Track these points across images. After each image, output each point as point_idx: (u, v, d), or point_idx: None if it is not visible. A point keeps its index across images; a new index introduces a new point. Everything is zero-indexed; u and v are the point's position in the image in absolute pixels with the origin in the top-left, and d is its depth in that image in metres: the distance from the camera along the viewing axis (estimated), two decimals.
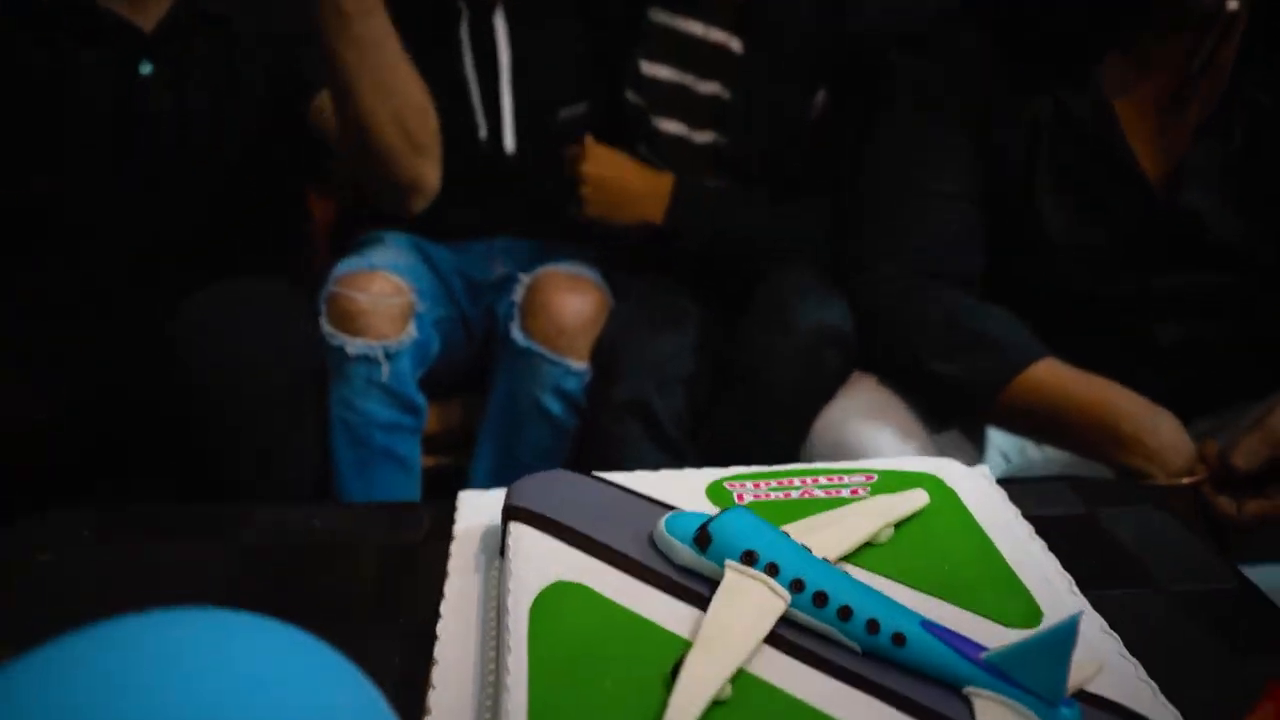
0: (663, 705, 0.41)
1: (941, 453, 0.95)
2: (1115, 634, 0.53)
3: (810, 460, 0.94)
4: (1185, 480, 0.82)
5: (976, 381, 0.90)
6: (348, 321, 1.02)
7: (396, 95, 0.94)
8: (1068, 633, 0.40)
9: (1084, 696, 0.43)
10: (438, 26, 1.12)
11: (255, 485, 0.92)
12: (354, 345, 1.01)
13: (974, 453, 0.99)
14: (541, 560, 0.52)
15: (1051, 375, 0.88)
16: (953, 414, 0.96)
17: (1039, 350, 0.89)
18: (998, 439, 0.98)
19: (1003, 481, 0.69)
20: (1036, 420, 0.90)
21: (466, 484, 1.11)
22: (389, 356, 1.02)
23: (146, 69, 0.99)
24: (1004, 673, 0.42)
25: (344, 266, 1.07)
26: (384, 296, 1.03)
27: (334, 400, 1.00)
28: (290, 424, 0.94)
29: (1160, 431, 0.84)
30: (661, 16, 1.14)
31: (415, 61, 0.99)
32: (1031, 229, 0.94)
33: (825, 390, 0.94)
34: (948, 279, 0.95)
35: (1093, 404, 0.86)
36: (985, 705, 0.42)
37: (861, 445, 0.89)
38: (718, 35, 1.11)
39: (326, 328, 1.02)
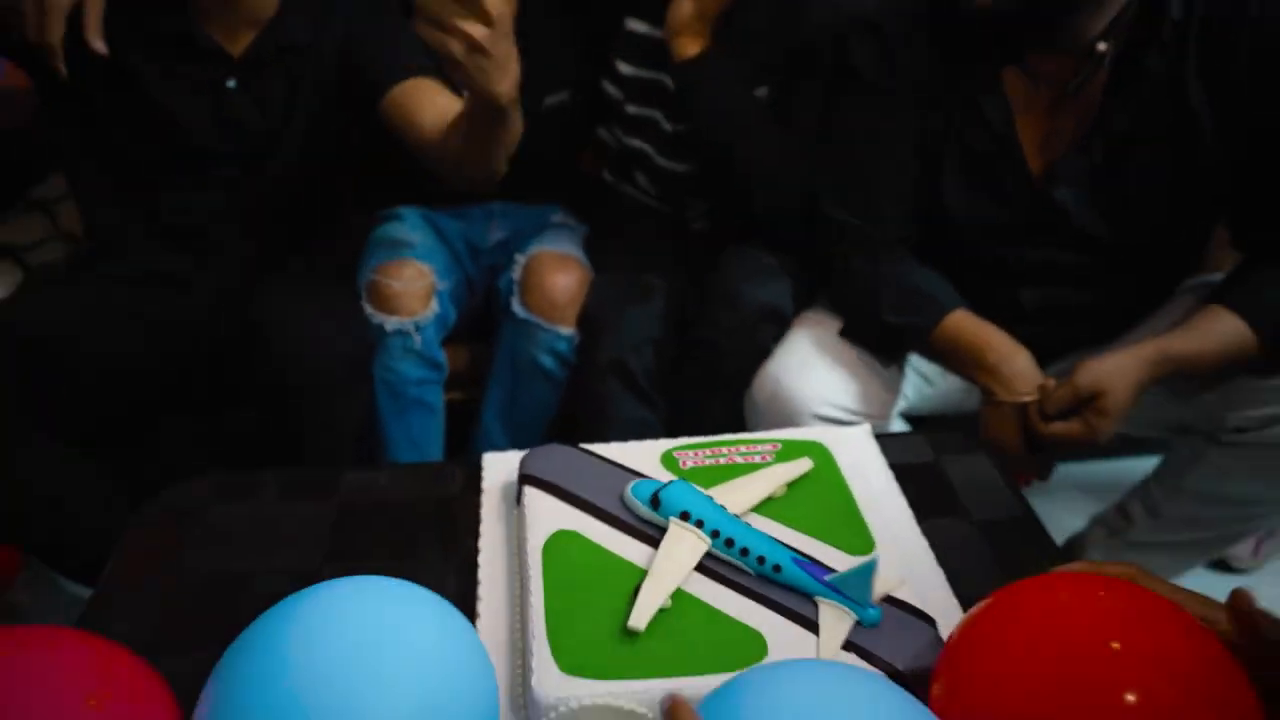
0: (628, 613, 0.66)
1: (861, 392, 1.17)
2: (932, 552, 0.78)
3: (753, 407, 1.18)
4: (1024, 399, 1.07)
5: (915, 328, 1.12)
6: (385, 303, 1.23)
7: (517, 135, 1.06)
8: (870, 567, 0.64)
9: (890, 600, 0.68)
10: None
11: (322, 433, 1.15)
12: (391, 322, 1.23)
13: (892, 386, 1.21)
14: (547, 515, 0.76)
15: (962, 320, 1.10)
16: (894, 354, 1.18)
17: (955, 301, 1.11)
18: (906, 386, 1.21)
19: (882, 436, 0.93)
20: (945, 355, 1.13)
21: (479, 423, 1.35)
22: (418, 329, 1.24)
23: (231, 84, 1.18)
24: (838, 588, 0.67)
25: (377, 257, 1.28)
26: (412, 281, 1.24)
27: (377, 365, 1.22)
28: (347, 385, 1.17)
29: (1013, 363, 1.06)
30: (636, 24, 1.31)
31: None
32: (936, 202, 1.15)
33: (763, 353, 1.16)
34: (898, 242, 1.16)
35: (974, 340, 1.09)
36: (826, 608, 0.66)
37: (790, 395, 1.12)
38: None
39: (368, 309, 1.24)
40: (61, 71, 1.04)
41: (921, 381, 1.21)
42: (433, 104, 1.14)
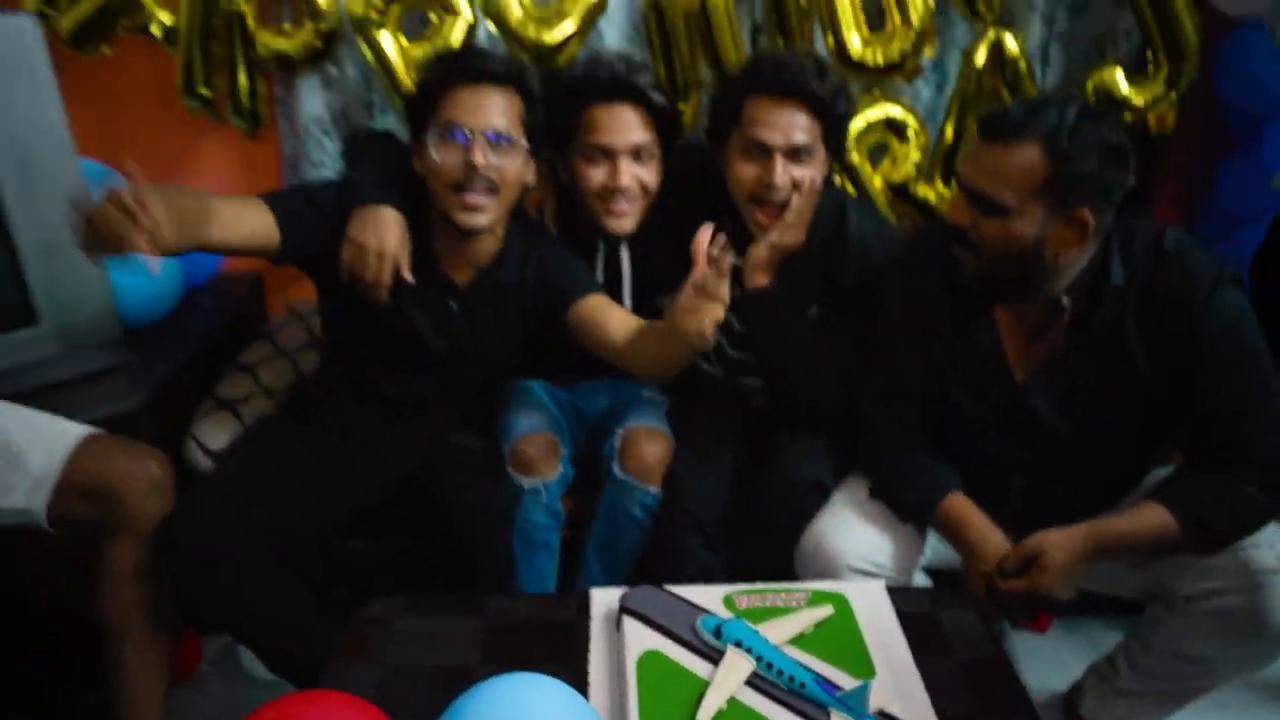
0: (695, 711, 0.92)
1: (889, 550, 1.41)
2: (921, 680, 1.03)
3: (801, 558, 1.43)
4: (991, 568, 1.28)
5: (923, 505, 1.37)
6: (524, 468, 1.53)
7: None
8: (866, 687, 0.90)
9: (884, 714, 0.93)
10: (583, 254, 1.65)
11: (476, 565, 1.44)
12: (528, 482, 1.53)
13: (915, 546, 1.45)
14: (640, 639, 1.03)
15: (957, 503, 1.35)
16: (909, 521, 1.43)
17: (955, 486, 1.36)
18: (927, 547, 1.45)
19: (893, 589, 1.18)
20: (943, 528, 1.37)
21: (583, 560, 1.63)
22: (547, 487, 1.54)
23: (455, 306, 1.53)
24: (844, 702, 0.92)
25: (518, 428, 1.59)
26: (544, 450, 1.55)
27: (516, 515, 1.52)
28: (496, 530, 1.48)
29: (988, 542, 1.30)
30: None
31: None
32: (944, 405, 1.40)
33: (809, 516, 1.41)
34: (916, 436, 1.42)
35: (960, 521, 1.34)
36: (835, 716, 0.92)
37: (831, 552, 1.36)
38: None
39: (511, 471, 1.54)
40: (385, 299, 1.44)
41: (939, 542, 1.46)
42: (614, 317, 1.50)
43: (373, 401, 1.57)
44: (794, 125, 1.45)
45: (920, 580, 1.43)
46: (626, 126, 1.54)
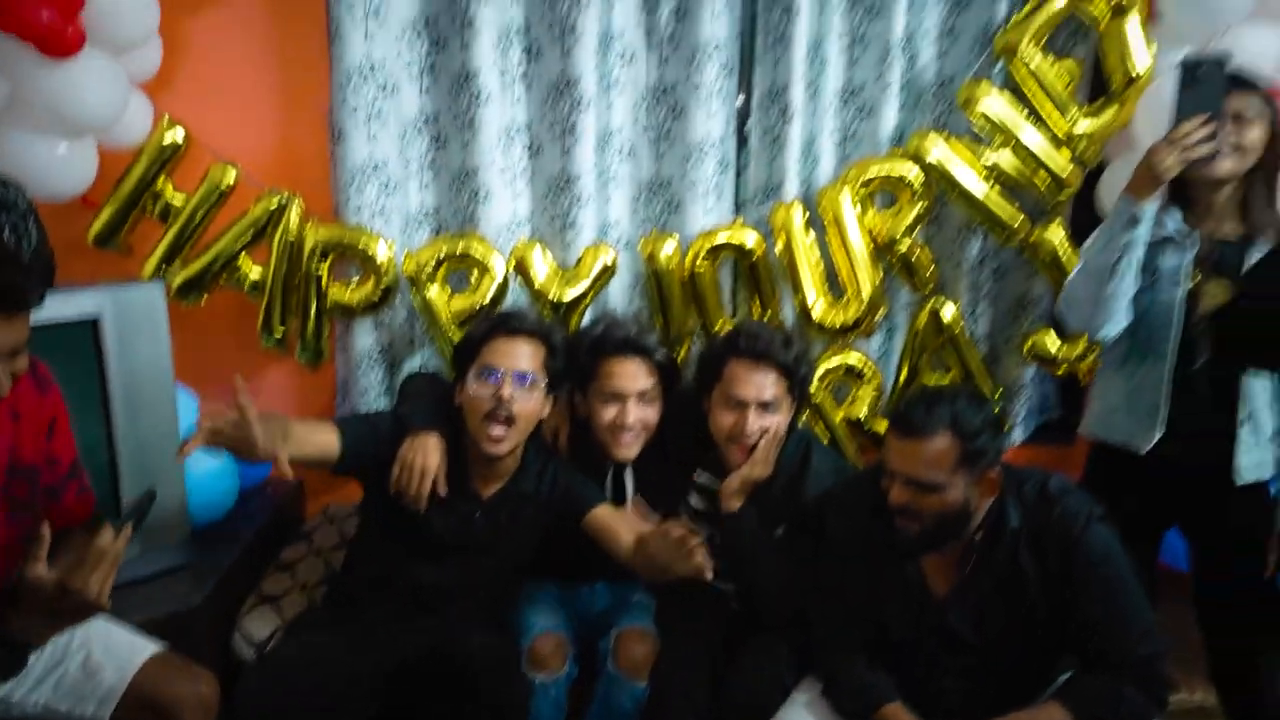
0: None
1: None
2: None
3: None
4: None
5: (863, 714, 1.60)
6: (538, 664, 1.77)
7: None
8: None
9: None
10: (593, 474, 1.96)
11: None
12: (539, 677, 1.76)
13: None
14: None
15: (891, 710, 1.58)
16: None
17: (890, 696, 1.60)
18: None
19: None
20: None
21: None
22: (555, 683, 1.77)
23: (478, 515, 1.82)
24: None
25: (533, 630, 1.84)
26: (556, 649, 1.79)
27: (529, 706, 1.73)
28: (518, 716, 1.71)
29: None
30: (701, 476, 1.95)
31: None
32: (880, 623, 1.66)
33: (772, 711, 1.65)
34: (860, 650, 1.66)
35: None
36: None
37: None
38: None
39: (526, 667, 1.77)
40: (423, 508, 1.73)
41: None
42: (623, 525, 1.81)
43: (400, 592, 1.82)
44: (764, 384, 1.81)
45: None
46: (635, 376, 1.90)
